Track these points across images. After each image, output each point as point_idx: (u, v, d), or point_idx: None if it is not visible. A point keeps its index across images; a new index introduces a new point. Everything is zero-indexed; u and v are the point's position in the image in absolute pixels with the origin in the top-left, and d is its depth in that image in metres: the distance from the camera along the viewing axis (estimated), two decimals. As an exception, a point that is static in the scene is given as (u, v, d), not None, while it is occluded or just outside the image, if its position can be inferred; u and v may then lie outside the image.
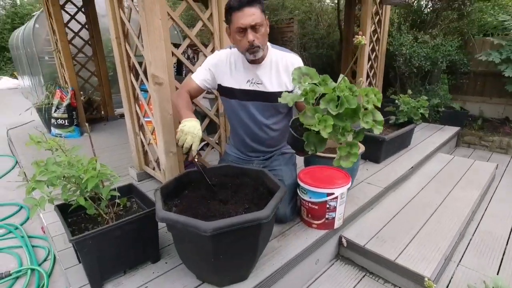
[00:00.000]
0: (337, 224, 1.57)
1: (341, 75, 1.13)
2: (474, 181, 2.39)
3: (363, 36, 1.03)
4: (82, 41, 3.91)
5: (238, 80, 1.53)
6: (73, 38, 3.79)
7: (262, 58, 1.48)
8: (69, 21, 3.69)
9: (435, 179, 2.43)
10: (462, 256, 1.71)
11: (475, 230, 1.95)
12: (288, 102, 1.14)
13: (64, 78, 3.65)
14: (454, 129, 3.45)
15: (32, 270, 1.67)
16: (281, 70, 1.50)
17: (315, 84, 1.09)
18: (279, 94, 1.49)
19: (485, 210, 2.19)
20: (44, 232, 1.97)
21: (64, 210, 1.29)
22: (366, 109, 1.07)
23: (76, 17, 3.77)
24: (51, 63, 5.37)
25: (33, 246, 1.90)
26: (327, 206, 1.49)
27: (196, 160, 1.32)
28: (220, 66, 1.54)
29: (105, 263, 1.21)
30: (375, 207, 2.01)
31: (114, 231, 1.17)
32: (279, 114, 1.60)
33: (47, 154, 1.16)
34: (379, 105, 1.07)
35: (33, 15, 5.81)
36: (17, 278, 1.64)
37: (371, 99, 1.05)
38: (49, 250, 1.85)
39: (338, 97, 1.05)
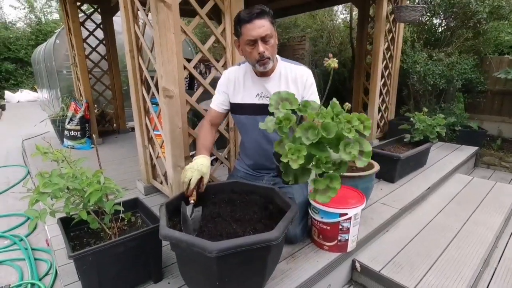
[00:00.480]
0: (350, 246, 1.47)
1: (333, 99, 1.02)
2: (496, 204, 2.25)
3: (334, 59, 0.94)
4: (99, 56, 4.03)
5: (247, 95, 1.52)
6: (90, 53, 3.90)
7: (271, 71, 1.47)
8: (87, 36, 3.82)
9: (454, 201, 2.30)
10: (488, 287, 1.57)
11: (500, 258, 1.80)
12: (268, 128, 1.02)
13: (80, 91, 3.74)
14: (472, 149, 3.32)
15: (32, 284, 1.63)
16: (290, 82, 1.47)
17: (293, 110, 1.00)
18: None
19: (510, 236, 2.04)
20: (48, 244, 1.94)
21: (68, 223, 1.25)
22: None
23: (94, 33, 3.91)
24: (68, 77, 5.55)
25: (36, 259, 1.86)
26: (340, 227, 1.40)
27: (192, 201, 1.24)
28: (230, 85, 1.54)
29: (105, 281, 1.15)
30: (391, 229, 1.90)
31: (115, 247, 1.12)
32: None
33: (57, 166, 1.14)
34: (366, 133, 0.94)
35: (55, 32, 6.09)
36: (17, 292, 1.60)
37: (355, 127, 0.92)
38: (51, 264, 1.81)
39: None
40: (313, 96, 1.47)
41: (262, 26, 1.31)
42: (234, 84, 1.53)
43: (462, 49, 3.86)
